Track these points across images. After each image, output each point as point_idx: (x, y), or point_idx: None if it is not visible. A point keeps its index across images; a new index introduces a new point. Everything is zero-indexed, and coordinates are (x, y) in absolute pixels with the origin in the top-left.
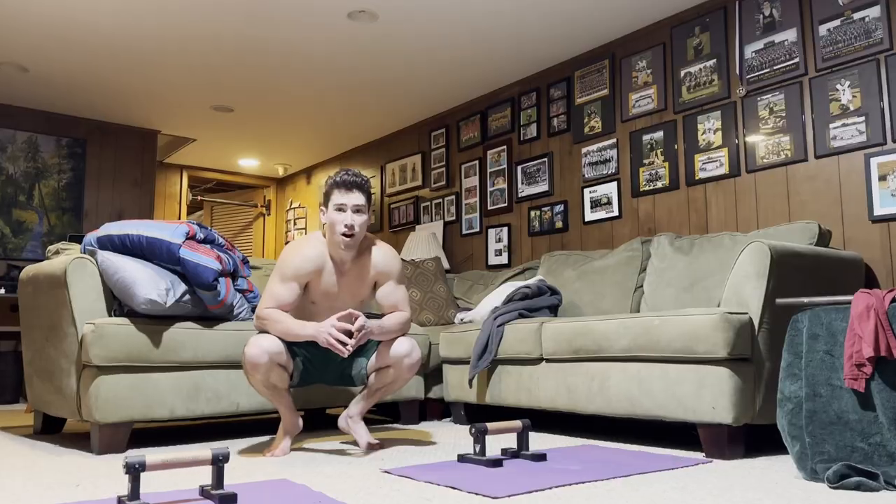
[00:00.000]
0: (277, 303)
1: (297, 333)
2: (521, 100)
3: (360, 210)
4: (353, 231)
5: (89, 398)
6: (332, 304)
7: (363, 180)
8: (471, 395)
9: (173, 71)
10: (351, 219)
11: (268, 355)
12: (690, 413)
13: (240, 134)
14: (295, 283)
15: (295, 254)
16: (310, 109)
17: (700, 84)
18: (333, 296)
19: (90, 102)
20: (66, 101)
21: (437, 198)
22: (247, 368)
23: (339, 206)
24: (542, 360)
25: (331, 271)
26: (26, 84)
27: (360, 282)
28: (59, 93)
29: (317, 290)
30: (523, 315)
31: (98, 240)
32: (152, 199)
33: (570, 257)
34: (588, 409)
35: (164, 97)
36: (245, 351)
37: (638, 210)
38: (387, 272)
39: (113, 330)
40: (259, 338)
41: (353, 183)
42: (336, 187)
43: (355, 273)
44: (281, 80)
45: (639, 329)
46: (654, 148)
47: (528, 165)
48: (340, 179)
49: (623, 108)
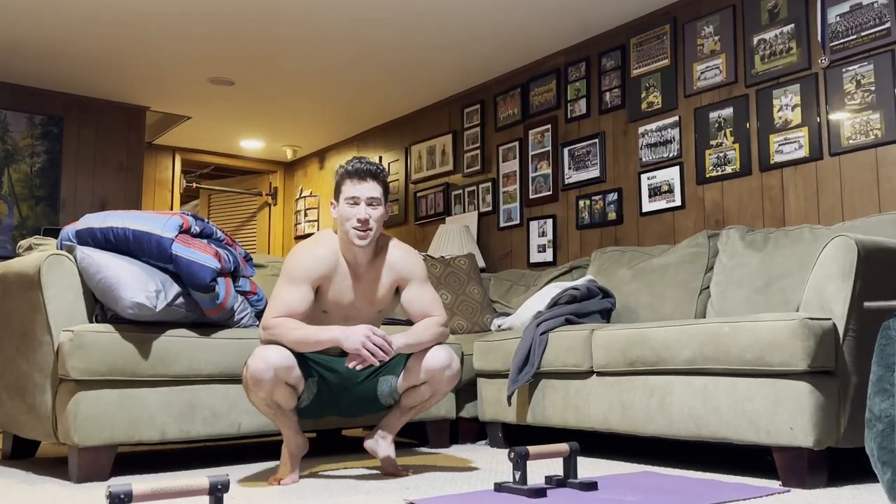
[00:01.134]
0: (287, 310)
1: (319, 339)
2: (569, 71)
3: (376, 203)
4: (368, 225)
5: (67, 418)
6: (346, 312)
7: (378, 169)
8: (510, 413)
9: (164, 37)
10: (365, 212)
11: (273, 370)
12: (764, 435)
13: (242, 111)
14: (306, 286)
15: (304, 253)
16: (323, 82)
17: (776, 53)
18: (348, 303)
19: (67, 73)
20: (38, 73)
21: (470, 185)
22: (248, 384)
23: (352, 198)
24: (592, 374)
25: (345, 274)
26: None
27: (378, 286)
28: (31, 62)
29: (329, 297)
30: (570, 321)
31: (77, 234)
32: (140, 187)
33: (625, 254)
34: (646, 431)
35: (153, 67)
36: (248, 363)
37: (704, 199)
38: (408, 272)
39: (94, 338)
40: (266, 349)
41: (366, 171)
42: (347, 177)
43: (372, 276)
44: (290, 47)
45: (704, 337)
46: (722, 127)
47: (576, 147)
48: (352, 168)
49: (686, 80)
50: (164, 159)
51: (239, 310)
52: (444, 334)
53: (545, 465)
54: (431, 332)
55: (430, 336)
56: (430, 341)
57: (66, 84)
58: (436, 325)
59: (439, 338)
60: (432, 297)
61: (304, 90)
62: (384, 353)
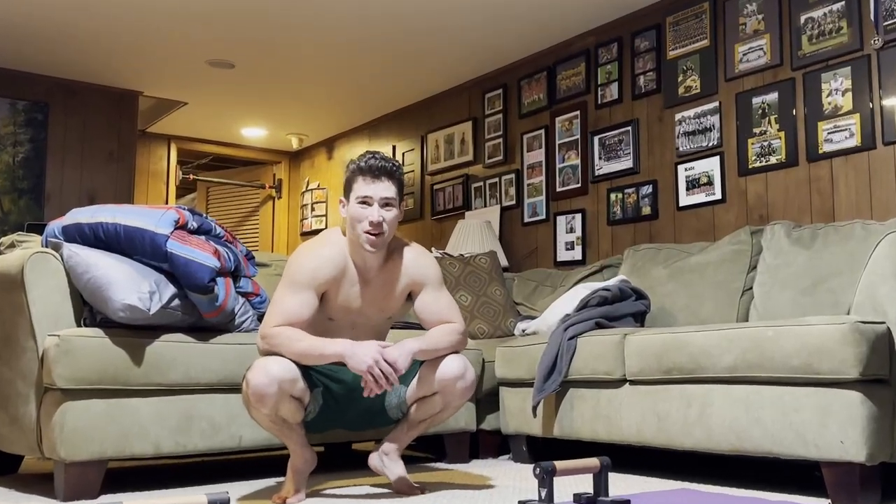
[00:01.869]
0: (288, 318)
1: (323, 352)
2: (599, 53)
3: (390, 204)
4: (381, 229)
5: (52, 430)
6: (354, 320)
7: (394, 166)
8: (535, 425)
9: (158, 15)
10: (378, 214)
11: (277, 384)
12: (812, 448)
13: (243, 96)
14: (310, 292)
15: (308, 255)
16: (332, 64)
17: (825, 33)
18: (356, 310)
19: (53, 55)
20: (21, 54)
21: (492, 177)
22: (249, 400)
23: (363, 198)
24: (624, 382)
25: (353, 279)
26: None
27: (389, 293)
28: (12, 43)
29: (335, 303)
30: (601, 325)
31: (64, 229)
32: (132, 179)
33: (661, 252)
34: (683, 444)
35: (146, 48)
36: (248, 378)
37: (746, 192)
38: (422, 276)
39: (82, 343)
40: (266, 361)
41: (381, 169)
42: (359, 174)
43: (382, 281)
44: (295, 27)
45: (747, 342)
46: (766, 113)
47: (607, 136)
48: (365, 164)
49: (727, 63)
50: (158, 149)
51: (240, 313)
52: (463, 342)
53: (573, 482)
54: (449, 338)
55: (447, 343)
56: (446, 349)
57: (51, 67)
58: (454, 332)
59: (457, 346)
60: (448, 303)
61: (310, 73)
62: (388, 383)
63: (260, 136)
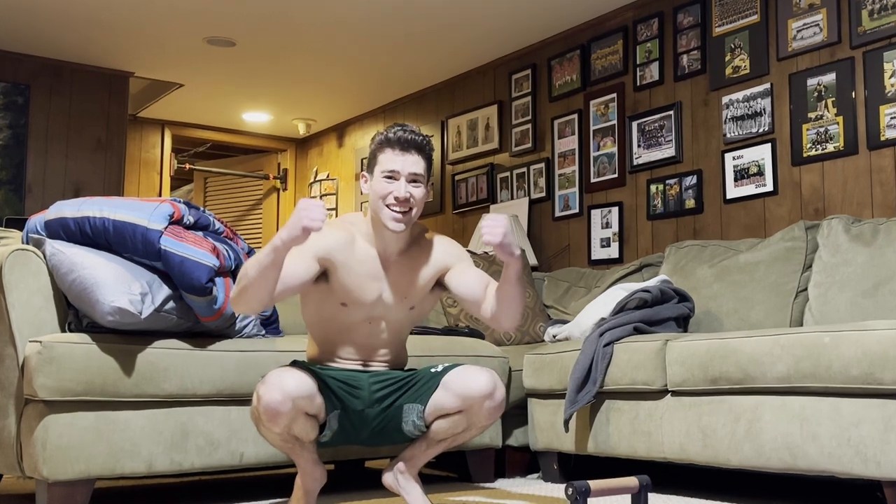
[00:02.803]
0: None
1: (269, 250)
2: (638, 29)
3: (418, 180)
4: (408, 205)
5: (34, 446)
6: (370, 313)
7: (424, 140)
8: (567, 441)
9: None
10: (405, 190)
11: (292, 401)
12: (873, 467)
13: (245, 77)
14: (311, 259)
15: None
16: (343, 42)
17: (887, 7)
18: (372, 300)
19: (35, 32)
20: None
21: (519, 166)
22: (260, 417)
23: (390, 172)
24: (666, 393)
25: (366, 260)
26: None
27: (412, 277)
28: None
29: (347, 285)
30: (640, 330)
31: (47, 224)
32: (122, 168)
33: (706, 249)
34: (730, 462)
35: (138, 25)
36: (259, 393)
37: (800, 183)
38: (453, 257)
39: (67, 350)
40: (281, 375)
41: (410, 142)
42: (387, 146)
43: (406, 266)
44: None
45: (801, 350)
46: (822, 96)
47: (646, 121)
48: (393, 136)
49: (780, 40)
50: (151, 135)
51: (241, 316)
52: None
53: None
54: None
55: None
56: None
57: (32, 45)
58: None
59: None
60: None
61: (319, 52)
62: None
63: (263, 121)
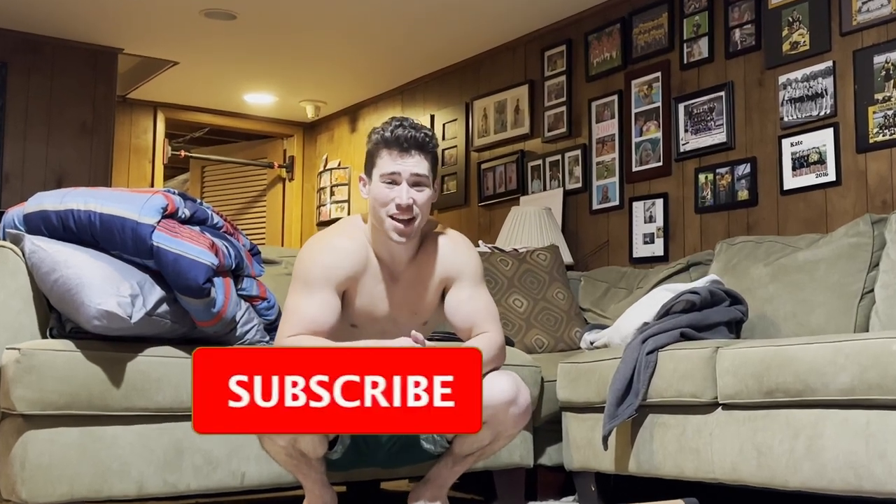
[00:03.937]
0: (306, 326)
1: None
2: (685, 1)
3: (422, 183)
4: (411, 214)
5: (12, 465)
6: (382, 327)
7: (426, 136)
8: (606, 459)
9: None
10: (407, 195)
11: None
12: None
13: (247, 55)
14: (328, 290)
15: (321, 247)
16: (356, 16)
17: None
18: (383, 316)
19: (12, 4)
20: None
21: (553, 153)
22: None
23: (389, 175)
24: (716, 406)
25: (377, 276)
26: None
27: (422, 291)
28: None
29: (358, 306)
30: (687, 336)
31: (26, 219)
32: (110, 155)
33: (761, 246)
34: (788, 483)
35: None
36: None
37: (866, 172)
38: (457, 268)
39: (49, 359)
40: None
41: (410, 140)
42: (384, 146)
43: (413, 278)
44: None
45: (867, 358)
46: (891, 76)
47: (695, 103)
48: (391, 135)
49: (843, 13)
50: (142, 119)
51: (242, 321)
52: (503, 357)
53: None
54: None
55: (490, 356)
56: (489, 363)
57: (10, 19)
58: (494, 343)
59: (499, 361)
60: (487, 305)
61: (330, 27)
62: None
63: (267, 103)
